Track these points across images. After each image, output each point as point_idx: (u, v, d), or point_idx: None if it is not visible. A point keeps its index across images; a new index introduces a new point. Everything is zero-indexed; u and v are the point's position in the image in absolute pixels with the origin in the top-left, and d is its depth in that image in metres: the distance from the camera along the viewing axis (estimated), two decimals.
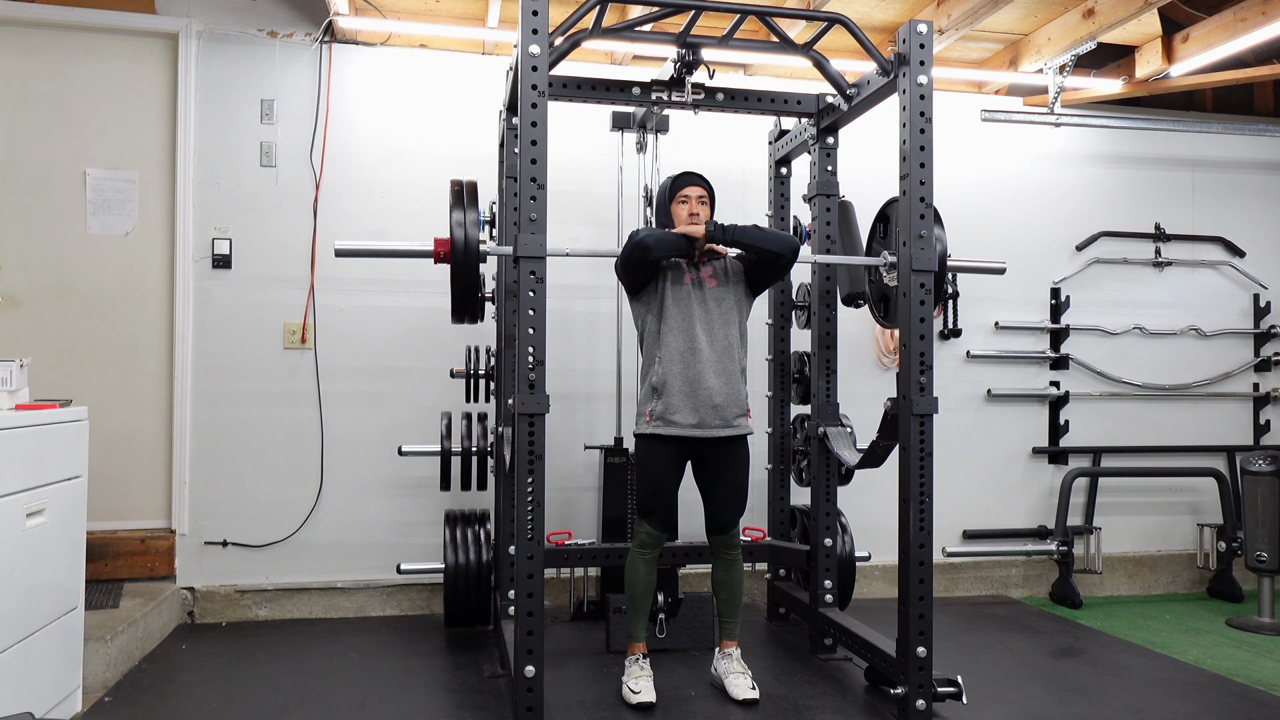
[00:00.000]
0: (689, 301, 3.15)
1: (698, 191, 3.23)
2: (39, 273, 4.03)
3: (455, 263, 2.97)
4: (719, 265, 3.23)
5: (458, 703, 3.10)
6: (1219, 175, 5.14)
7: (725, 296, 3.20)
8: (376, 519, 4.20)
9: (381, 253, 3.13)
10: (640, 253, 3.05)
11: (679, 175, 3.28)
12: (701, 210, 3.21)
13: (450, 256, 2.96)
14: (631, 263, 3.09)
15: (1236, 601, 4.73)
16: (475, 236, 2.96)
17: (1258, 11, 4.01)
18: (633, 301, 3.26)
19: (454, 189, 3.07)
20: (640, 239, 3.06)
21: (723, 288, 3.20)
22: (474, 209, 3.00)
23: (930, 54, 2.92)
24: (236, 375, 4.11)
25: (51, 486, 2.80)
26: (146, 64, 4.15)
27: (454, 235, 2.96)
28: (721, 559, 3.24)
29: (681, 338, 3.12)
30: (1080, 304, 4.92)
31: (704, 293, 3.17)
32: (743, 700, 3.06)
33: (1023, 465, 4.86)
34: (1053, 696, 3.23)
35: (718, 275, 3.22)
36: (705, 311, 3.15)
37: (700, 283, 3.18)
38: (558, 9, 3.84)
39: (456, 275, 3.00)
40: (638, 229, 3.18)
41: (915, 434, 2.92)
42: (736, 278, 3.24)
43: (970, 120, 4.80)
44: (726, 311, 3.19)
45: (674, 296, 3.15)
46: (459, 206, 2.99)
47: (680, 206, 3.23)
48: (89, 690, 3.12)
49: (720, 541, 3.22)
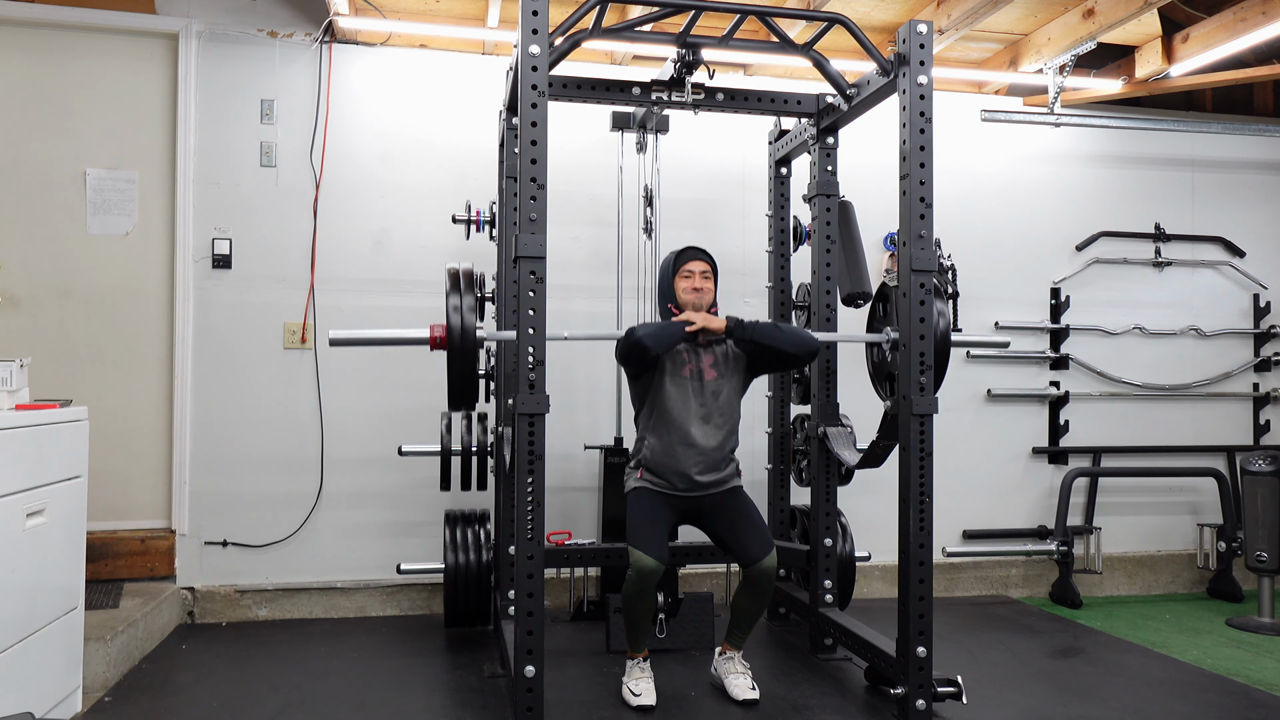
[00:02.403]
0: (687, 396, 3.11)
1: (701, 267, 3.19)
2: (39, 273, 4.03)
3: (452, 350, 2.85)
4: (720, 352, 3.18)
5: (458, 703, 3.10)
6: (1219, 175, 5.14)
7: (724, 388, 3.16)
8: (376, 519, 4.20)
9: (379, 341, 2.98)
10: (639, 353, 3.00)
11: (683, 250, 3.24)
12: (705, 285, 3.17)
13: (446, 343, 2.85)
14: (630, 359, 3.07)
15: (1236, 601, 4.73)
16: (473, 323, 2.85)
17: (1258, 11, 4.01)
18: (630, 382, 3.23)
19: (451, 275, 2.94)
20: (638, 339, 2.98)
21: (722, 379, 3.16)
22: (471, 294, 2.88)
23: (930, 54, 2.92)
24: (236, 375, 4.11)
25: (51, 486, 2.80)
26: (146, 64, 4.15)
27: (450, 321, 2.84)
28: (755, 587, 3.07)
29: (676, 433, 3.10)
30: (1080, 304, 4.92)
31: (703, 385, 3.13)
32: (743, 700, 3.06)
33: (1023, 465, 4.86)
34: (1053, 696, 3.23)
35: (718, 365, 3.17)
36: (702, 405, 3.13)
37: (700, 374, 3.14)
38: (558, 9, 3.84)
39: (454, 363, 2.86)
40: (634, 327, 3.03)
41: (915, 434, 2.92)
42: (738, 365, 3.20)
43: (970, 120, 4.80)
44: (724, 404, 3.16)
45: (673, 388, 3.12)
46: (455, 292, 2.87)
47: (683, 281, 3.18)
48: (89, 690, 3.12)
49: (757, 571, 3.04)
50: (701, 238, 4.49)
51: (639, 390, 3.20)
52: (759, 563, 3.04)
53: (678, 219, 4.45)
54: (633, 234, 4.30)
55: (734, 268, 4.52)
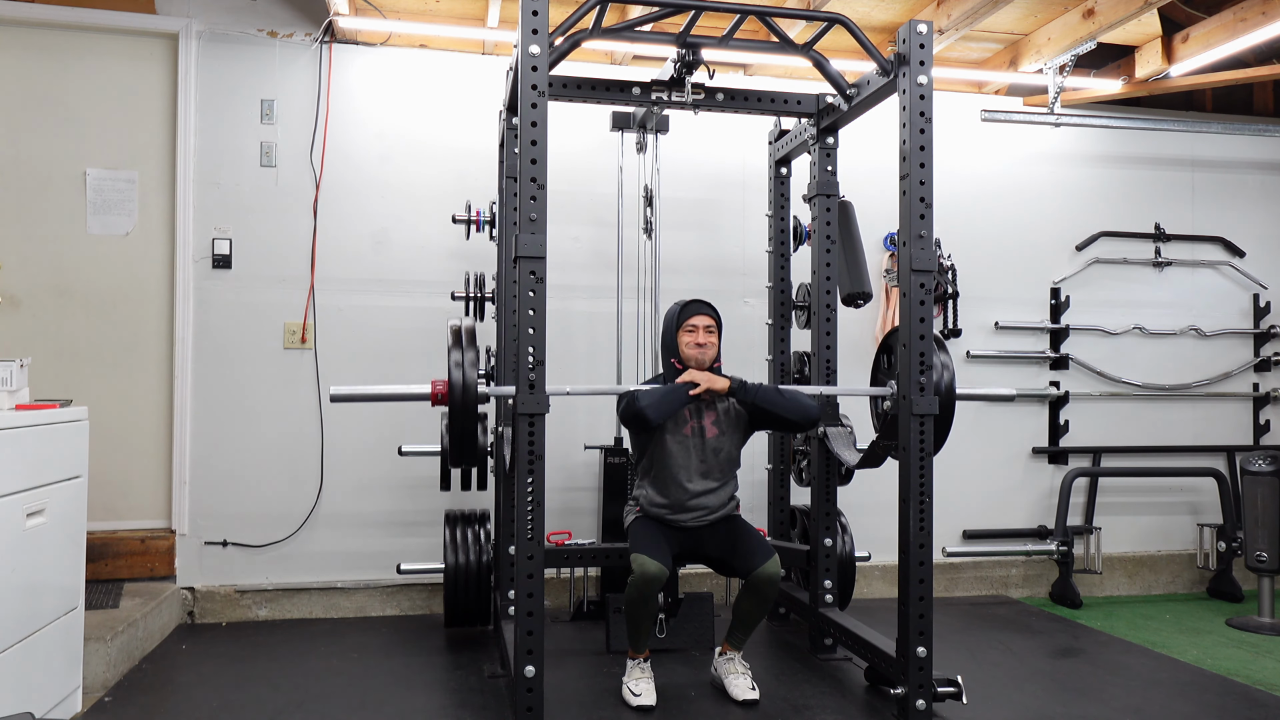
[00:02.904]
0: (688, 453, 3.14)
1: (705, 321, 3.18)
2: (39, 273, 4.03)
3: (454, 406, 2.83)
4: (722, 409, 3.19)
5: (458, 703, 3.10)
6: (1219, 175, 5.14)
7: (725, 445, 3.18)
8: (376, 519, 4.20)
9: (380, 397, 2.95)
10: (641, 423, 3.01)
11: (688, 303, 3.22)
12: (708, 340, 3.17)
13: (448, 399, 2.83)
14: (632, 425, 3.08)
15: (1236, 601, 4.73)
16: (474, 379, 2.83)
17: (1258, 11, 4.01)
18: (631, 437, 3.24)
19: (453, 331, 2.92)
20: (640, 409, 2.97)
21: (724, 436, 3.18)
22: (472, 349, 2.86)
23: (930, 54, 2.92)
24: (236, 375, 4.11)
25: (51, 486, 2.80)
26: (146, 64, 4.15)
27: (452, 377, 2.83)
28: (759, 594, 3.06)
29: (675, 486, 3.13)
30: (1080, 304, 4.92)
31: (704, 442, 3.15)
32: (743, 700, 3.06)
33: (1023, 465, 4.86)
34: (1053, 696, 3.23)
35: (720, 423, 3.18)
36: (703, 461, 3.15)
37: (701, 431, 3.15)
38: (558, 9, 3.84)
39: (455, 419, 2.85)
40: (636, 392, 3.02)
41: (915, 434, 2.92)
42: (739, 422, 3.21)
43: (970, 120, 4.80)
44: (725, 460, 3.18)
45: (674, 445, 3.13)
46: (457, 347, 2.86)
47: (687, 336, 3.17)
48: (89, 690, 3.12)
49: (760, 577, 3.03)
50: (701, 238, 4.51)
51: (639, 443, 3.22)
52: (761, 568, 3.04)
53: (678, 219, 4.45)
54: (633, 234, 4.30)
55: (734, 268, 4.53)
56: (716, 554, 3.17)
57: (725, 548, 3.15)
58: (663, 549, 3.05)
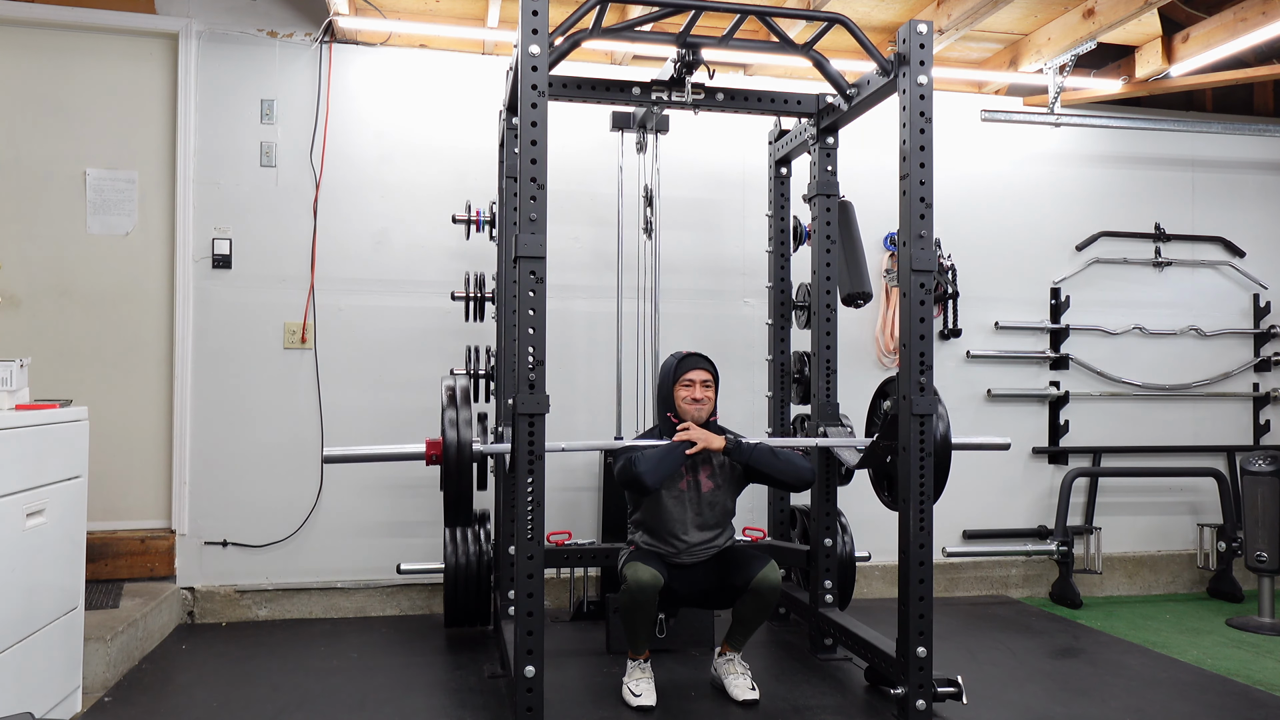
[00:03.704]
0: (684, 507, 3.14)
1: (702, 376, 3.18)
2: (39, 273, 4.03)
3: (448, 465, 2.81)
4: (718, 463, 3.19)
5: (458, 703, 3.10)
6: (1219, 175, 5.14)
7: (719, 500, 3.19)
8: (376, 519, 4.20)
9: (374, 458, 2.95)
10: (638, 488, 3.00)
11: (684, 357, 3.22)
12: (705, 395, 3.16)
13: (442, 459, 2.80)
14: (629, 488, 3.08)
15: (1236, 601, 4.73)
16: (469, 438, 2.80)
17: (1258, 11, 4.01)
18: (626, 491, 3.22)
19: (448, 390, 2.90)
20: (637, 474, 2.96)
21: (719, 490, 3.18)
22: (467, 408, 2.83)
23: (930, 54, 2.92)
24: (236, 375, 4.11)
25: (51, 486, 2.80)
26: (146, 64, 4.15)
27: (446, 436, 2.80)
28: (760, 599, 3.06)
29: (670, 538, 3.14)
30: (1080, 304, 4.92)
31: (700, 496, 3.16)
32: (743, 701, 3.06)
33: (1023, 465, 4.86)
34: (1053, 696, 3.23)
35: (715, 477, 3.18)
36: (699, 514, 3.16)
37: (697, 485, 3.16)
38: (558, 9, 3.84)
39: (449, 479, 2.82)
40: (633, 456, 2.99)
41: (915, 434, 2.91)
42: (734, 475, 3.22)
43: (970, 120, 4.80)
44: (720, 511, 3.19)
45: (669, 501, 3.14)
46: (452, 406, 2.83)
47: (683, 390, 3.17)
48: (89, 690, 3.12)
49: (760, 584, 3.03)
50: (701, 238, 4.51)
51: (633, 497, 3.22)
52: (760, 574, 3.04)
53: (678, 219, 4.45)
54: (633, 234, 4.30)
55: (734, 268, 4.53)
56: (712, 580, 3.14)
57: (719, 570, 3.15)
58: (658, 564, 3.05)
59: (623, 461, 3.02)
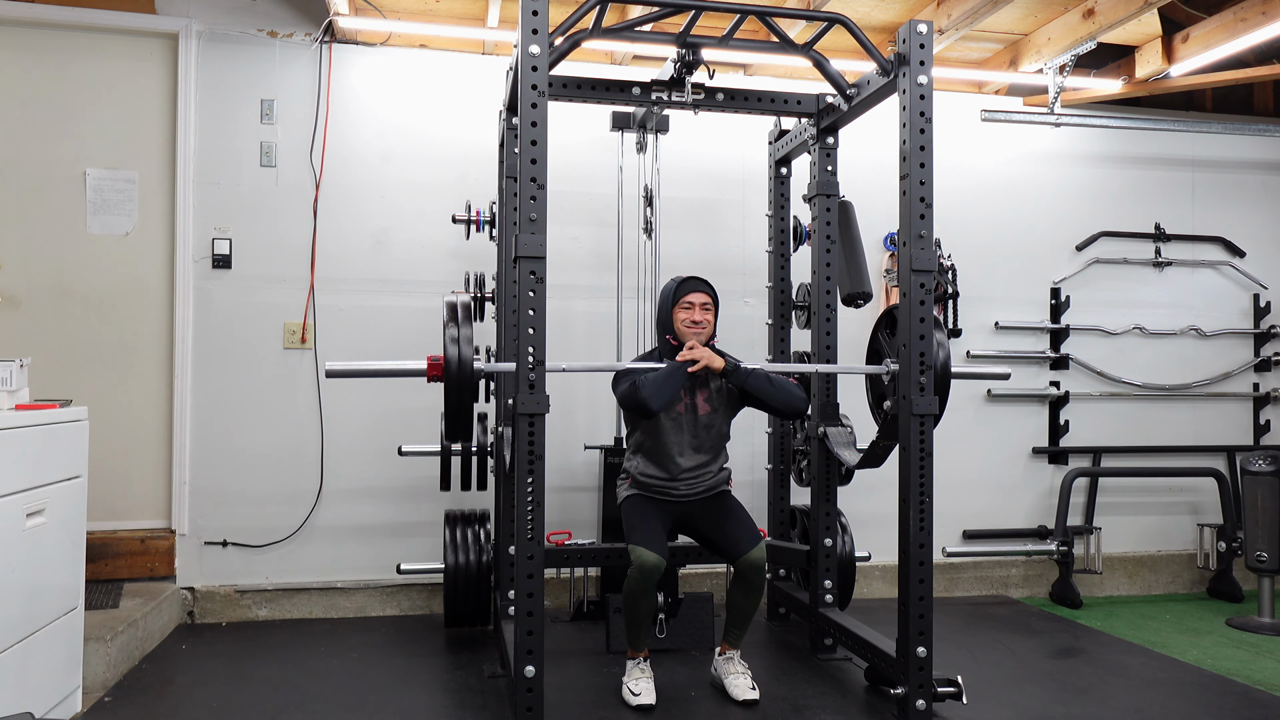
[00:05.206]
0: (680, 429, 3.17)
1: (702, 298, 3.19)
2: (39, 273, 4.03)
3: (449, 382, 2.81)
4: (715, 386, 3.21)
5: (458, 703, 3.10)
6: (1219, 175, 5.14)
7: (715, 422, 3.21)
8: (376, 519, 4.20)
9: (376, 373, 2.96)
10: (642, 411, 3.02)
11: (684, 280, 3.22)
12: (704, 318, 3.17)
13: (444, 375, 2.81)
14: (632, 411, 3.10)
15: (1236, 601, 4.73)
16: (470, 355, 2.81)
17: (1258, 11, 4.01)
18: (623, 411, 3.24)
19: (449, 306, 2.88)
20: (642, 398, 2.98)
21: (715, 413, 3.21)
22: (469, 325, 2.83)
23: (930, 54, 2.92)
24: (236, 375, 4.11)
25: (51, 486, 2.80)
26: (146, 64, 4.15)
27: (448, 353, 2.80)
28: (746, 582, 3.11)
29: (666, 459, 3.16)
30: (1080, 304, 4.92)
31: (696, 419, 3.18)
32: (743, 700, 3.06)
33: (1023, 465, 4.86)
34: (1053, 696, 3.23)
35: (712, 400, 3.20)
36: (694, 436, 3.18)
37: (694, 408, 3.18)
38: (558, 9, 3.84)
39: (450, 395, 2.82)
40: (637, 375, 3.03)
41: (915, 434, 2.91)
42: (730, 399, 3.24)
43: (970, 120, 4.80)
44: (716, 436, 3.22)
45: (667, 422, 3.15)
46: (454, 323, 2.83)
47: (683, 313, 3.17)
48: (89, 690, 3.12)
49: (746, 565, 3.08)
50: (701, 238, 4.50)
51: (632, 418, 3.23)
52: (747, 555, 3.08)
53: (678, 219, 4.45)
54: (633, 234, 4.30)
55: (734, 268, 4.52)
56: (706, 531, 3.20)
57: (714, 527, 3.18)
58: (658, 533, 3.08)
59: (626, 385, 3.04)
